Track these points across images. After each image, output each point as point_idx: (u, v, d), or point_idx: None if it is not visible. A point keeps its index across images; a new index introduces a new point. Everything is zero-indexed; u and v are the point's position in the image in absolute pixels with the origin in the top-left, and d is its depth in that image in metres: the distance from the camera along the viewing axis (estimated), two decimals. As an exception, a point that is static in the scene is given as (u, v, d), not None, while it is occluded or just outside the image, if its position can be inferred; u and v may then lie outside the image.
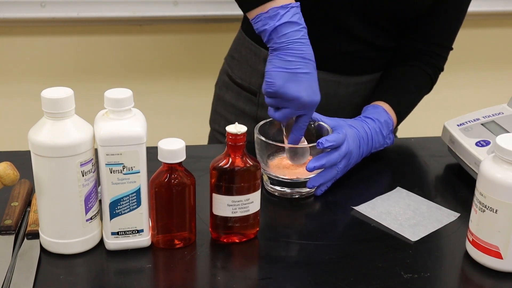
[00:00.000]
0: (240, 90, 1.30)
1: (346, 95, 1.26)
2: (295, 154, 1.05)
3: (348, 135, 1.05)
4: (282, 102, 0.99)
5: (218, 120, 1.37)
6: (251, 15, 1.01)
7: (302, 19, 1.00)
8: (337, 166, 1.04)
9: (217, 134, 1.38)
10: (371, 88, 1.27)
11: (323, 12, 1.16)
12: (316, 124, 1.07)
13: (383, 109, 1.15)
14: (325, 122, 1.07)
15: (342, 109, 1.25)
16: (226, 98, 1.33)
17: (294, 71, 0.98)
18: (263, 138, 1.02)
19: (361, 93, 1.27)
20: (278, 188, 1.05)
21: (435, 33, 1.23)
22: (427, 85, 1.26)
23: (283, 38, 0.98)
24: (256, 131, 1.04)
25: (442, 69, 1.27)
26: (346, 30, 1.19)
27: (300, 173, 1.04)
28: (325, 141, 1.00)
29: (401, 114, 1.20)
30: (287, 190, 1.04)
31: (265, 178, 1.06)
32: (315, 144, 1.01)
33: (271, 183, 1.05)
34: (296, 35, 0.99)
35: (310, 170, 1.01)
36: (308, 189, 1.05)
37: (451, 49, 1.27)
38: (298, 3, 1.00)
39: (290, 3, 0.99)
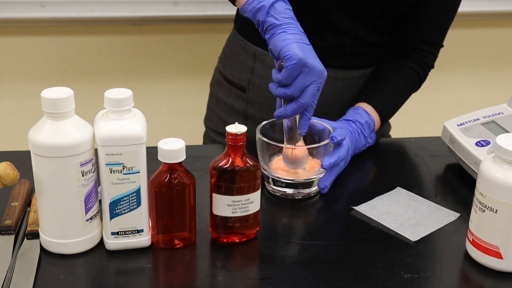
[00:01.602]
0: (231, 87, 1.32)
1: (333, 90, 1.25)
2: (293, 154, 1.04)
3: (345, 130, 1.07)
4: (304, 77, 0.97)
5: (211, 118, 1.38)
6: (242, 0, 1.02)
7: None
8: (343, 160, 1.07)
9: (210, 131, 1.39)
10: (360, 84, 1.27)
11: (309, 4, 1.16)
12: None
13: (363, 110, 1.16)
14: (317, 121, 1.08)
15: (328, 105, 1.24)
16: (218, 96, 1.35)
17: (305, 42, 0.98)
18: (265, 139, 1.02)
19: (350, 89, 1.26)
20: (279, 188, 1.05)
21: (424, 30, 1.23)
22: (414, 84, 1.25)
23: (283, 13, 0.99)
24: (258, 132, 1.04)
25: (432, 66, 1.27)
26: (333, 23, 1.19)
27: (302, 174, 1.04)
28: (337, 135, 1.03)
29: (385, 114, 1.20)
30: (289, 191, 1.04)
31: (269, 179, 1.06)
32: (316, 145, 1.03)
33: (273, 184, 1.05)
34: (290, 13, 1.01)
35: (327, 167, 1.02)
36: (310, 190, 1.04)
37: (441, 46, 1.26)
38: None
39: None
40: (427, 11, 1.21)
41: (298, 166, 1.04)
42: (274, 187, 1.05)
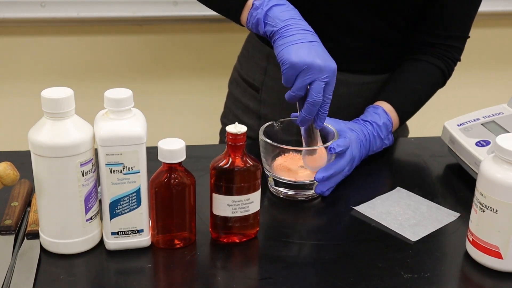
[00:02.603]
0: (246, 86, 1.32)
1: (347, 95, 1.24)
2: (311, 155, 1.03)
3: (352, 140, 1.05)
4: (302, 77, 0.96)
5: (227, 115, 1.39)
6: (244, 19, 1.02)
7: (290, 4, 1.01)
8: (343, 171, 1.04)
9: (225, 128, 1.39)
10: (374, 90, 1.25)
11: (322, 5, 1.16)
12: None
13: (382, 110, 1.14)
14: (328, 123, 1.06)
15: (341, 109, 1.22)
16: (235, 94, 1.36)
17: (300, 42, 0.97)
18: (268, 140, 1.01)
19: (363, 94, 1.25)
20: (282, 190, 1.04)
21: (446, 24, 1.20)
22: (437, 80, 1.23)
23: (278, 18, 0.99)
24: (261, 132, 1.03)
25: (457, 60, 1.23)
26: (347, 23, 1.18)
27: (305, 175, 1.03)
28: (337, 146, 1.01)
29: (405, 113, 1.18)
30: (292, 192, 1.03)
31: (270, 179, 1.05)
32: (316, 147, 1.02)
33: (275, 185, 1.04)
34: (288, 14, 0.99)
35: (319, 180, 1.00)
36: (313, 192, 1.04)
37: (467, 37, 1.23)
38: None
39: None
40: (450, 6, 1.17)
41: (316, 163, 1.03)
42: (276, 188, 1.05)
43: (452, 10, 1.19)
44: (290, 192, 1.04)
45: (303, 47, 0.97)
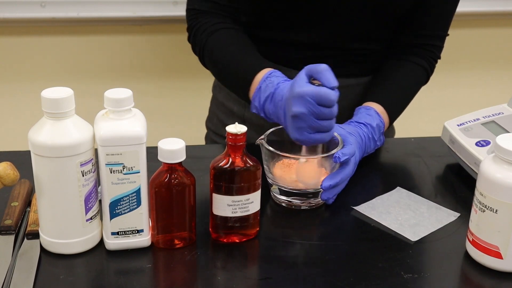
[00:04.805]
0: (229, 90, 1.31)
1: None
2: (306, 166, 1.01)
3: (354, 145, 1.04)
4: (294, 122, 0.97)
5: (212, 119, 1.38)
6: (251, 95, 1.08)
7: (271, 80, 1.04)
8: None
9: (210, 132, 1.39)
10: (358, 92, 1.25)
11: (309, 12, 1.16)
12: None
13: (374, 112, 1.13)
14: None
15: None
16: (218, 98, 1.35)
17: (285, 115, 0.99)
18: (271, 148, 0.99)
19: (348, 96, 1.24)
20: (285, 198, 1.02)
21: (426, 25, 1.22)
22: (421, 79, 1.25)
23: (270, 85, 1.03)
24: (263, 140, 1.01)
25: (438, 58, 1.26)
26: (333, 30, 1.18)
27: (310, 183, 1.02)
28: (342, 154, 0.98)
29: (394, 114, 1.19)
30: (296, 201, 1.02)
31: (274, 188, 1.03)
32: (327, 154, 1.00)
33: (280, 194, 1.02)
34: (275, 79, 1.04)
35: (326, 188, 0.98)
36: (317, 200, 1.02)
37: (447, 35, 1.25)
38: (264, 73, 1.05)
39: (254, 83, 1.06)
40: (429, 7, 1.19)
41: (308, 184, 1.01)
42: (280, 197, 1.02)
43: (435, 11, 1.21)
44: (293, 200, 1.02)
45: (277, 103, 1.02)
